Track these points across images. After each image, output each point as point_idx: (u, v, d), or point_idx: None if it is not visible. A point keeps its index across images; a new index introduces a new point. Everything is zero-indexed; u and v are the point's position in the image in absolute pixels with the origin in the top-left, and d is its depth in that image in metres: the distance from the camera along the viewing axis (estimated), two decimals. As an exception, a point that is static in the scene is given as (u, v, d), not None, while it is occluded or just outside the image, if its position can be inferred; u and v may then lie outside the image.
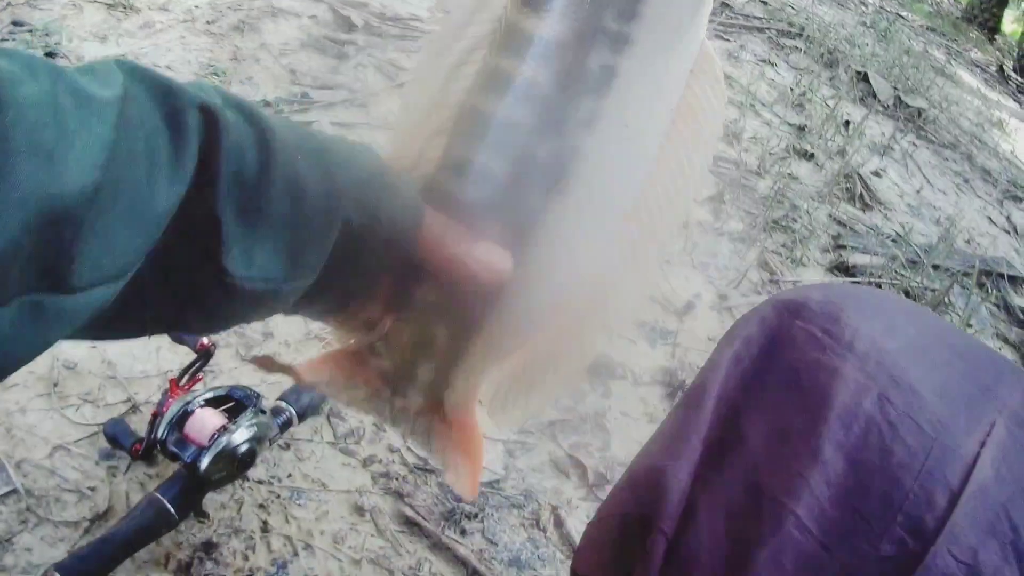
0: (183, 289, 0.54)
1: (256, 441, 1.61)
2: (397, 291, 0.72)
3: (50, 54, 2.54)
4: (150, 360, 1.88)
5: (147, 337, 0.64)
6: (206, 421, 1.58)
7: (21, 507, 1.56)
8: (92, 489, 1.63)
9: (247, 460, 1.60)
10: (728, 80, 3.39)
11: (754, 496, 0.84)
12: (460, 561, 1.69)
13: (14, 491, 1.57)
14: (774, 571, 0.78)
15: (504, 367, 0.80)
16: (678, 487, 0.86)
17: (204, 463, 1.54)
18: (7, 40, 2.56)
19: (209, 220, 0.51)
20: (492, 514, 1.80)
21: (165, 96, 0.49)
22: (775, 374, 0.92)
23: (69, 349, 1.82)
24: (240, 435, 1.58)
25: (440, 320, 0.75)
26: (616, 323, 0.82)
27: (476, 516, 1.77)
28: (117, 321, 0.53)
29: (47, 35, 2.61)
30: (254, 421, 1.62)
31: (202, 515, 1.64)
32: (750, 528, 0.81)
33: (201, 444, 1.56)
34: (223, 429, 1.57)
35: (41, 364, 1.78)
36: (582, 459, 1.94)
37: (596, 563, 0.95)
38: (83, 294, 0.45)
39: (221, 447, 1.55)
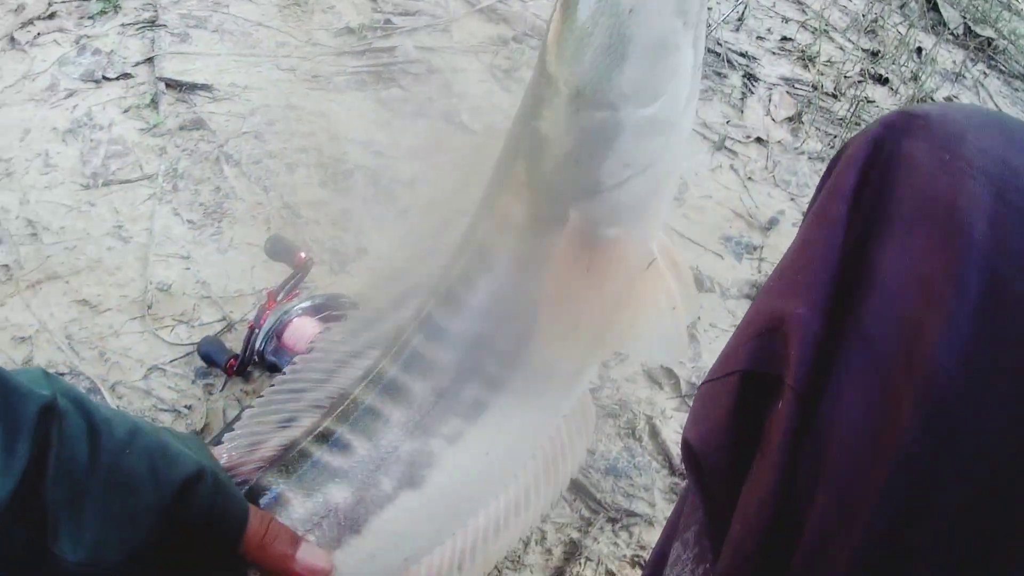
0: (14, 570, 0.57)
1: None
2: None
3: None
4: (244, 279, 1.82)
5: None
6: (305, 329, 1.53)
7: (118, 426, 1.51)
8: (188, 408, 1.58)
9: None
10: (800, 5, 3.25)
11: (897, 345, 0.70)
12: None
13: (111, 411, 1.53)
14: (925, 430, 0.65)
15: None
16: (809, 337, 0.73)
17: None
18: None
19: (38, 508, 0.56)
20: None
21: (4, 396, 0.55)
22: (900, 203, 0.77)
23: (162, 271, 1.78)
24: None
25: None
26: None
27: None
28: None
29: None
30: None
31: (301, 431, 1.58)
32: (897, 382, 0.68)
33: (299, 352, 1.50)
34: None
35: (134, 287, 1.74)
36: (674, 369, 1.87)
37: (711, 430, 0.83)
38: None
39: None
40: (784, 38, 3.07)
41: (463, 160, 0.98)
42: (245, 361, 1.57)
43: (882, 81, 3.13)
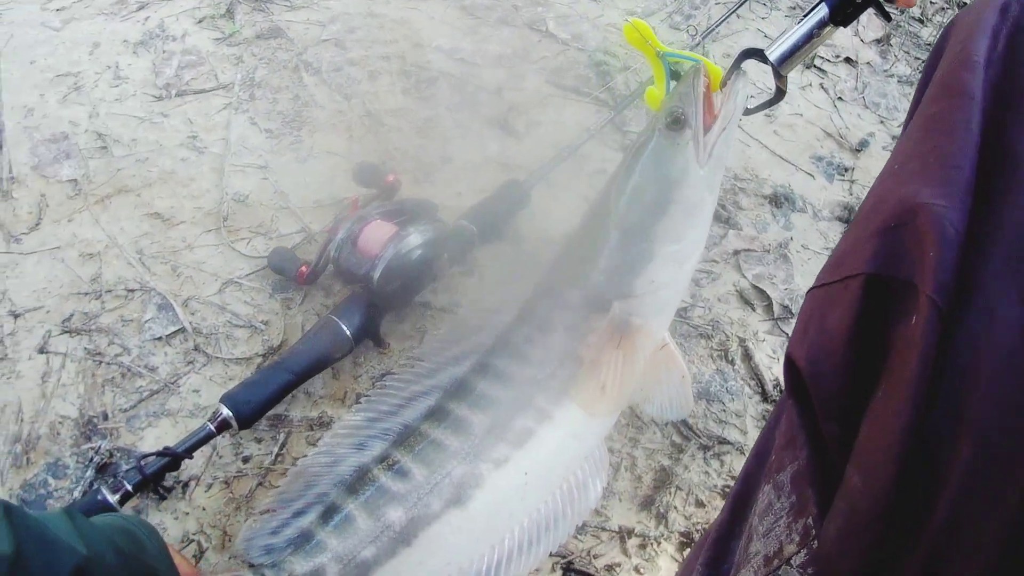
0: None
1: (430, 248, 1.44)
2: None
3: None
4: (324, 189, 1.71)
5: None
6: (380, 232, 1.43)
7: (188, 347, 1.43)
8: (265, 323, 1.48)
9: (421, 268, 1.43)
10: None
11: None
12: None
13: (181, 330, 1.45)
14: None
15: None
16: (950, 236, 0.56)
17: (377, 273, 1.40)
18: None
19: None
20: (682, 343, 1.60)
21: (44, 549, 0.69)
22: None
23: (238, 182, 1.68)
24: (413, 240, 1.42)
25: None
26: None
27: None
28: None
29: None
30: (427, 227, 1.45)
31: (381, 344, 1.47)
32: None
33: (374, 255, 1.41)
34: (395, 236, 1.42)
35: (209, 199, 1.65)
36: (767, 290, 1.73)
37: (824, 347, 0.67)
38: None
39: (393, 254, 1.40)
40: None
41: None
42: (318, 269, 1.47)
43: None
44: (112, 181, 1.63)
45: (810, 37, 1.08)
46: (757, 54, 1.12)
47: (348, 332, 1.36)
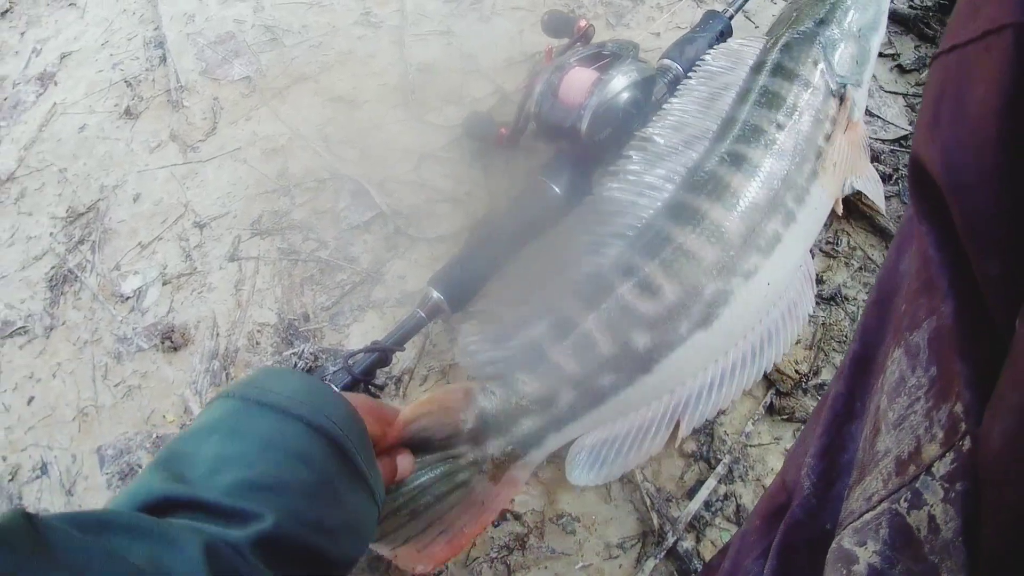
0: None
1: (638, 89, 1.22)
2: None
3: None
4: (513, 45, 1.50)
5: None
6: (580, 78, 1.22)
7: (389, 231, 1.27)
8: (468, 195, 1.29)
9: (631, 111, 1.22)
10: None
11: None
12: (877, 231, 1.19)
13: (379, 215, 1.28)
14: None
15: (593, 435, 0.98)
16: None
17: (584, 123, 1.19)
18: None
19: None
20: (906, 175, 1.30)
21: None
22: None
23: (421, 52, 1.50)
24: (618, 83, 1.21)
25: None
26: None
27: (891, 178, 1.22)
28: None
29: None
30: (631, 68, 1.23)
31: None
32: None
33: (578, 104, 1.20)
34: (598, 81, 1.21)
35: (392, 73, 1.47)
36: None
37: (962, 138, 0.42)
38: None
39: (599, 100, 1.19)
40: None
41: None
42: (518, 128, 1.27)
43: None
44: (287, 72, 1.49)
45: None
46: None
47: (558, 191, 1.18)
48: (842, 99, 1.11)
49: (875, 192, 1.14)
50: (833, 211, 1.12)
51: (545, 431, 0.95)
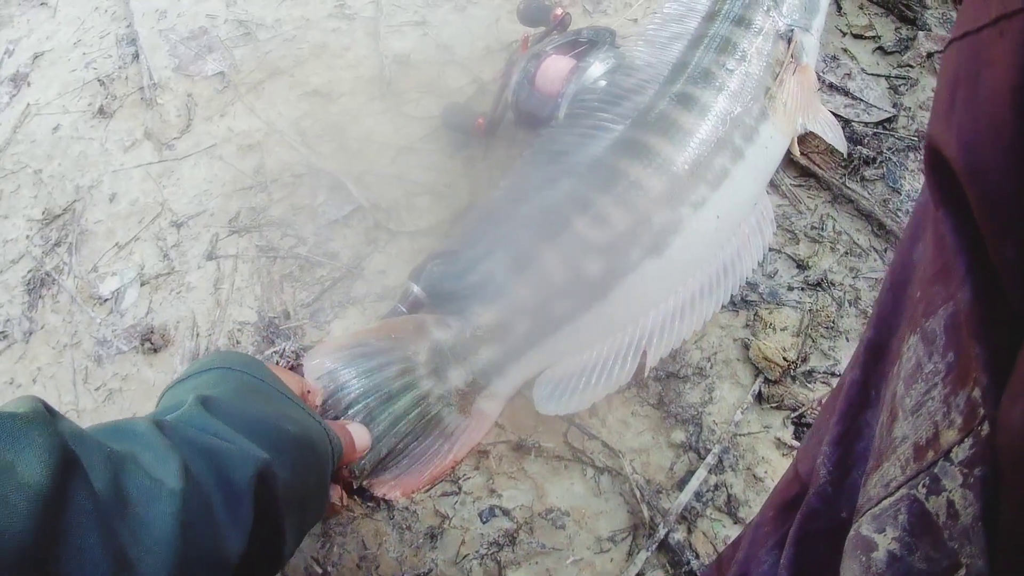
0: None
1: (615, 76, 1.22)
2: None
3: None
4: (489, 33, 1.48)
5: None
6: (556, 66, 1.23)
7: (368, 225, 1.26)
8: (448, 186, 1.28)
9: None
10: None
11: None
12: (863, 215, 1.26)
13: (358, 209, 1.27)
14: None
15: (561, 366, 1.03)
16: None
17: (562, 111, 1.20)
18: None
19: (276, 540, 0.68)
20: (890, 158, 1.29)
21: (218, 469, 0.62)
22: None
23: (396, 43, 1.48)
24: (595, 70, 1.22)
25: None
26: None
27: (874, 160, 1.29)
28: None
29: None
30: (608, 55, 1.24)
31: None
32: None
33: (555, 92, 1.21)
34: (575, 69, 1.22)
35: (368, 66, 1.46)
36: None
37: (977, 122, 0.42)
38: None
39: (576, 89, 1.20)
40: None
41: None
42: (496, 117, 1.27)
43: None
44: (261, 66, 1.48)
45: None
46: None
47: (539, 179, 1.16)
48: (789, 41, 1.16)
49: (833, 136, 1.19)
50: (790, 153, 1.19)
51: (504, 360, 1.00)
